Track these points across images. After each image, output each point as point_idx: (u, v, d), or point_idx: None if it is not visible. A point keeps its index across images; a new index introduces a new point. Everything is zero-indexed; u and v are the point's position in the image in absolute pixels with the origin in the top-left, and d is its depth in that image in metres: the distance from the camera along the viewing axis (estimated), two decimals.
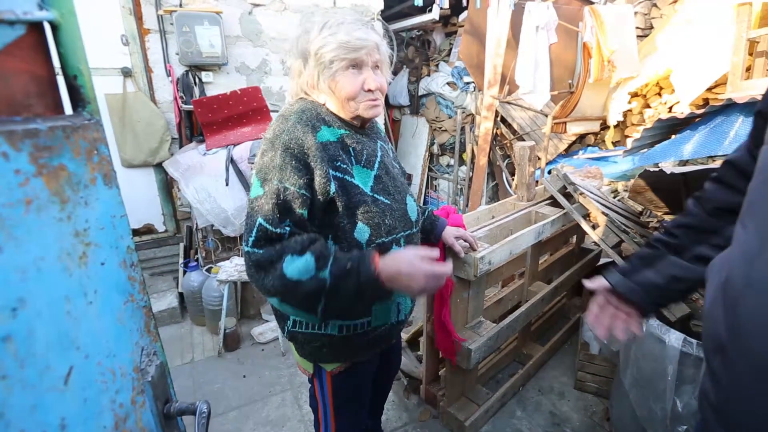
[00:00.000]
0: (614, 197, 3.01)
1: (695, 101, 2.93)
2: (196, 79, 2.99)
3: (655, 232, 0.92)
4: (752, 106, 1.93)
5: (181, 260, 3.03)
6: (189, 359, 2.46)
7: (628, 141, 3.27)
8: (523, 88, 3.30)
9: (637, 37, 3.30)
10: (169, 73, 2.93)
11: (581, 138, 3.69)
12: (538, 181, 2.74)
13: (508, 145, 3.80)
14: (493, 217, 2.01)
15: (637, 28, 3.37)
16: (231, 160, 2.66)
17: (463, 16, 4.04)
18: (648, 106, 3.29)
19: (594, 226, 1.99)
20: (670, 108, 3.09)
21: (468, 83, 4.03)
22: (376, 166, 1.05)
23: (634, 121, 3.36)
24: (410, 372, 2.15)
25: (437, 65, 4.47)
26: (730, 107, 2.01)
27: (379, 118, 1.14)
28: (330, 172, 0.94)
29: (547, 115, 3.35)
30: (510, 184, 3.80)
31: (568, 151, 3.69)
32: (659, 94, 3.23)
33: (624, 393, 1.61)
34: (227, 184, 2.62)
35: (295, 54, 1.00)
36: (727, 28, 2.67)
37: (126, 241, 0.49)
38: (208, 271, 2.72)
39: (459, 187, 4.35)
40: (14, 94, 0.38)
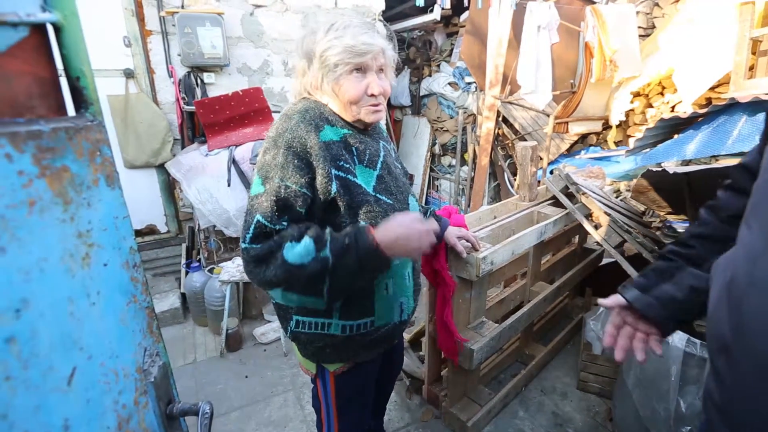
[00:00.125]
0: (617, 197, 3.00)
1: (698, 101, 2.92)
2: (198, 80, 3.00)
3: (668, 245, 0.87)
4: (755, 106, 1.92)
5: (184, 261, 3.03)
6: (191, 360, 2.47)
7: (631, 141, 3.26)
8: (525, 88, 3.29)
9: (639, 36, 3.29)
10: (171, 75, 2.94)
11: (583, 138, 3.68)
12: (540, 181, 2.74)
13: (510, 145, 3.79)
14: (495, 218, 2.00)
15: (639, 28, 3.36)
16: (233, 161, 2.66)
17: (464, 17, 4.04)
18: (650, 106, 3.28)
19: (596, 226, 1.99)
20: (673, 107, 3.08)
21: (469, 83, 4.03)
22: (379, 166, 1.05)
23: (637, 121, 3.35)
24: (412, 372, 2.15)
25: (439, 65, 4.47)
26: (733, 107, 2.00)
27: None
28: (332, 172, 0.94)
29: (548, 115, 3.34)
30: (512, 185, 3.79)
31: (570, 151, 3.68)
32: (661, 94, 3.21)
33: (627, 393, 1.60)
34: (229, 185, 2.62)
35: (300, 54, 1.00)
36: (730, 27, 2.66)
37: (129, 242, 0.49)
38: (210, 271, 2.72)
39: (461, 187, 4.34)
40: (17, 96, 0.38)
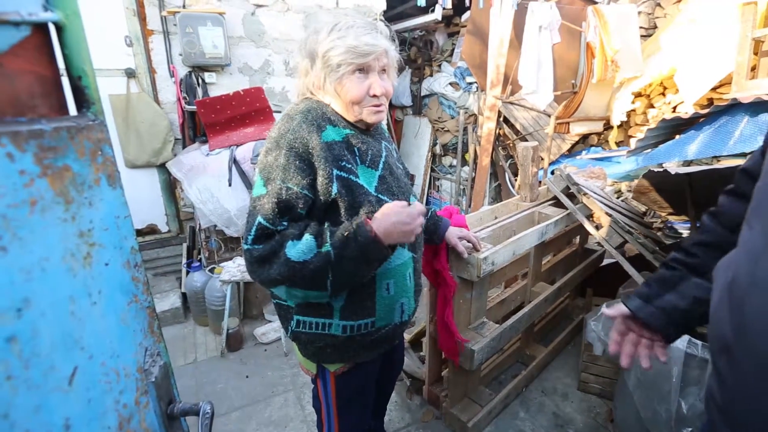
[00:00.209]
0: (618, 198, 3.00)
1: (699, 101, 2.92)
2: (199, 80, 3.00)
3: (671, 252, 0.87)
4: (757, 106, 1.91)
5: (184, 260, 3.04)
6: (192, 359, 2.47)
7: (632, 141, 3.26)
8: (526, 88, 3.29)
9: (641, 36, 3.28)
10: (173, 74, 2.94)
11: (584, 138, 3.68)
12: (541, 181, 2.73)
13: (511, 145, 3.79)
14: (496, 218, 2.00)
15: (641, 28, 3.35)
16: (234, 161, 2.67)
17: (465, 17, 4.04)
18: (652, 106, 3.28)
19: (597, 227, 1.99)
20: (674, 108, 3.07)
21: (470, 83, 4.03)
22: (381, 166, 1.05)
23: (638, 121, 3.34)
24: (413, 373, 2.15)
25: (440, 65, 4.47)
26: (734, 107, 2.00)
27: None
28: (334, 172, 0.94)
29: (550, 116, 3.34)
30: (513, 185, 3.79)
31: (571, 152, 3.68)
32: (663, 94, 3.21)
33: (628, 394, 1.60)
34: (230, 185, 2.62)
35: (304, 53, 1.00)
36: (732, 28, 2.65)
37: (130, 242, 0.49)
38: (211, 271, 2.72)
39: (461, 187, 4.34)
40: (19, 95, 0.38)
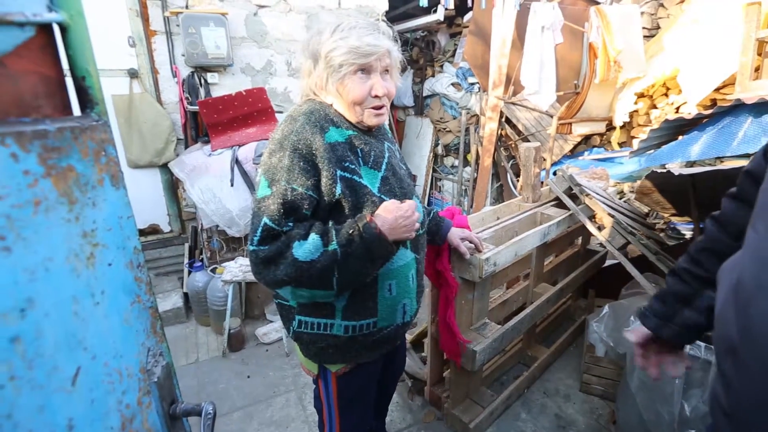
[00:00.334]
0: (620, 198, 2.99)
1: (703, 102, 2.91)
2: (202, 80, 3.01)
3: (679, 260, 0.87)
4: (761, 107, 1.90)
5: (186, 260, 3.04)
6: (194, 359, 2.47)
7: (635, 142, 3.25)
8: (529, 88, 3.28)
9: (644, 37, 3.27)
10: (175, 75, 2.95)
11: (587, 139, 3.67)
12: (544, 182, 2.73)
13: (513, 146, 3.78)
14: (498, 219, 2.00)
15: (644, 28, 3.34)
16: (236, 161, 2.67)
17: (467, 17, 4.03)
18: (654, 107, 3.27)
19: (600, 228, 1.98)
20: (677, 109, 3.06)
21: (473, 84, 4.02)
22: (384, 167, 1.05)
23: (641, 122, 3.33)
24: (414, 373, 2.14)
25: (442, 66, 4.47)
26: (738, 108, 1.99)
27: None
28: (337, 173, 0.94)
29: (552, 116, 3.34)
30: (515, 185, 3.78)
31: (574, 152, 3.67)
32: (666, 95, 3.20)
33: (630, 396, 1.59)
34: (232, 185, 2.63)
35: (307, 54, 1.01)
36: (735, 28, 2.64)
37: (133, 242, 0.49)
38: (213, 271, 2.73)
39: (463, 188, 4.33)
40: (23, 95, 0.38)
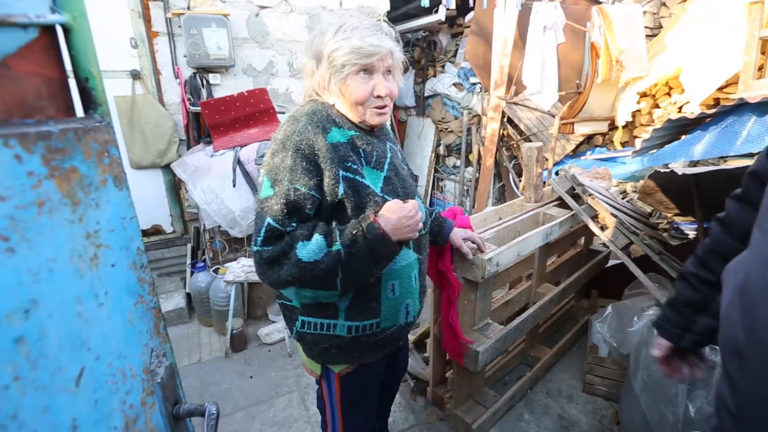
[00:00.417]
0: (623, 198, 2.98)
1: (706, 101, 2.89)
2: (204, 81, 3.01)
3: (687, 265, 0.87)
4: (765, 106, 1.89)
5: (189, 261, 3.05)
6: (196, 359, 2.48)
7: (637, 141, 3.23)
8: (531, 88, 3.28)
9: (646, 36, 3.26)
10: (177, 76, 2.96)
11: (589, 139, 3.65)
12: (546, 182, 2.72)
13: (515, 146, 3.77)
14: (501, 219, 1.99)
15: (646, 28, 3.33)
16: (238, 162, 2.67)
17: (469, 17, 4.03)
18: (657, 107, 3.25)
19: (603, 228, 1.97)
20: (680, 108, 3.05)
21: (474, 84, 4.02)
22: (386, 167, 1.05)
23: (643, 122, 3.32)
24: (417, 374, 2.14)
25: (443, 66, 4.46)
26: (741, 107, 1.98)
27: None
28: (340, 173, 0.95)
29: (554, 116, 3.33)
30: (517, 186, 3.78)
31: (576, 152, 3.66)
32: (669, 94, 3.19)
33: (634, 397, 1.59)
34: (234, 186, 2.63)
35: (310, 54, 1.01)
36: (738, 27, 2.63)
37: (136, 243, 0.49)
38: (216, 271, 2.73)
39: (465, 188, 4.33)
40: (27, 97, 0.38)
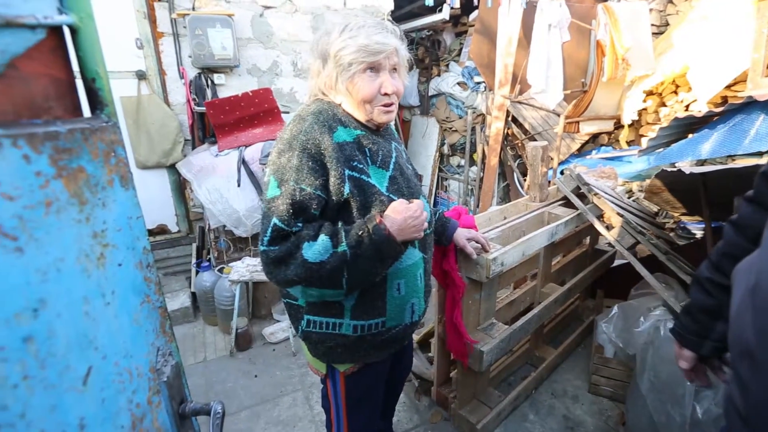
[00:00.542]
0: (629, 198, 2.96)
1: (713, 99, 2.86)
2: (209, 81, 3.03)
3: (701, 269, 0.85)
4: None
5: (194, 260, 3.06)
6: (201, 358, 2.49)
7: (643, 140, 3.21)
8: (535, 87, 3.26)
9: (653, 34, 3.24)
10: (182, 76, 2.97)
11: (594, 138, 3.63)
12: (551, 181, 2.71)
13: (520, 145, 3.76)
14: (505, 218, 1.98)
15: (653, 25, 3.30)
16: (243, 161, 2.68)
17: (473, 16, 4.01)
18: (664, 105, 3.23)
19: (608, 227, 1.96)
20: (687, 106, 3.02)
21: (478, 83, 4.00)
22: (391, 167, 1.05)
23: (649, 120, 3.29)
24: (421, 373, 2.14)
25: (447, 65, 4.45)
26: (750, 105, 1.96)
27: None
28: (346, 173, 0.95)
29: (559, 115, 3.31)
30: (521, 185, 3.76)
31: (581, 151, 3.64)
32: (675, 93, 3.16)
33: (640, 397, 1.58)
34: (239, 185, 2.64)
35: (315, 54, 1.02)
36: (746, 24, 2.60)
37: (142, 242, 0.49)
38: (220, 271, 2.74)
39: (469, 187, 4.32)
40: (35, 97, 0.39)
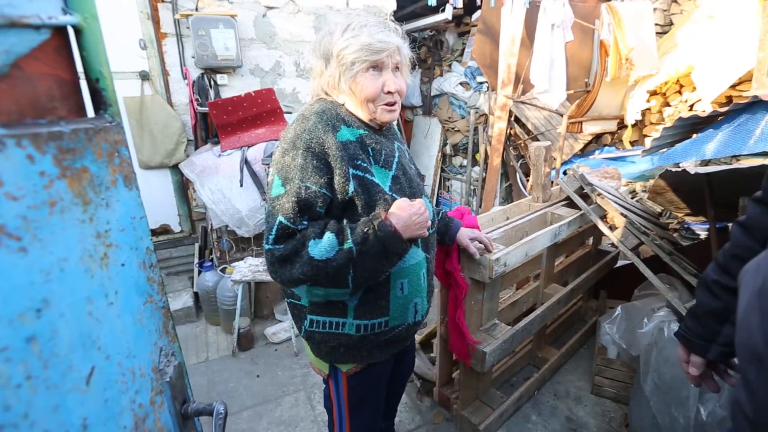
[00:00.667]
0: (632, 198, 2.95)
1: (718, 99, 2.85)
2: (212, 82, 3.03)
3: (708, 271, 0.85)
4: None
5: (196, 260, 3.07)
6: (204, 358, 2.49)
7: (647, 140, 3.19)
8: (538, 87, 3.25)
9: (657, 33, 3.22)
10: (185, 76, 2.98)
11: (597, 138, 3.62)
12: (554, 181, 2.70)
13: (522, 145, 3.75)
14: (508, 219, 1.98)
15: (656, 25, 3.29)
16: (245, 162, 2.69)
17: (476, 16, 4.00)
18: (668, 105, 3.21)
19: (612, 228, 1.95)
20: (691, 106, 3.01)
21: (481, 83, 4.00)
22: (394, 166, 1.05)
23: (653, 120, 3.28)
24: (423, 374, 2.13)
25: (450, 65, 4.44)
26: (755, 105, 1.94)
27: None
28: (350, 171, 0.95)
29: (562, 115, 3.30)
30: (524, 185, 3.75)
31: (584, 151, 3.63)
32: (679, 92, 3.14)
33: (644, 399, 1.57)
34: (242, 185, 2.65)
35: (318, 54, 1.01)
36: (752, 24, 2.58)
37: (145, 242, 0.49)
38: (223, 271, 2.75)
39: (472, 187, 4.31)
40: (39, 97, 0.39)
